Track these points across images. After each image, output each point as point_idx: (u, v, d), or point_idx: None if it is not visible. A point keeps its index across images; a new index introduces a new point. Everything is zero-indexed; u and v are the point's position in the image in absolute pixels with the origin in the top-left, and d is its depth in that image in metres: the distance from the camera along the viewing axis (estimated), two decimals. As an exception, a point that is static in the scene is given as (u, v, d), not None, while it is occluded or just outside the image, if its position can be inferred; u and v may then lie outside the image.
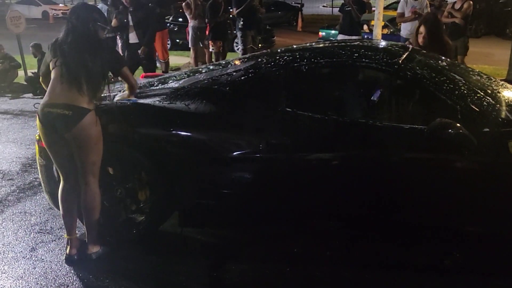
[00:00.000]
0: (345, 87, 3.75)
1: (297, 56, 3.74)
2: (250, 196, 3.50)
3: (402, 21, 8.52)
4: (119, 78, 3.77)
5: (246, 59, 4.02)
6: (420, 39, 4.74)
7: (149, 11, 8.00)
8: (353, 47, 3.96)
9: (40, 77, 3.62)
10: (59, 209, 3.87)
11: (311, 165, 3.38)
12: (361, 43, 4.19)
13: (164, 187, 3.55)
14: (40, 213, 4.37)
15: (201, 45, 10.22)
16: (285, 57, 3.72)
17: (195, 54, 10.27)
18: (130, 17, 7.84)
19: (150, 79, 4.43)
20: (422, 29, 4.74)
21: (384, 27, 9.96)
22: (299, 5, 24.48)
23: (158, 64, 9.90)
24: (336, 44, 4.23)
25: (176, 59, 13.21)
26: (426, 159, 3.24)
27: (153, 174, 3.55)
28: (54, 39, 3.47)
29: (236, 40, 10.98)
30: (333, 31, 15.81)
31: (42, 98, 3.40)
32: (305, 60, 3.65)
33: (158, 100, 3.69)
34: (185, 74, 4.24)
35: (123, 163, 3.62)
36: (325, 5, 33.52)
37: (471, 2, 8.64)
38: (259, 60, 3.83)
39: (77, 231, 3.59)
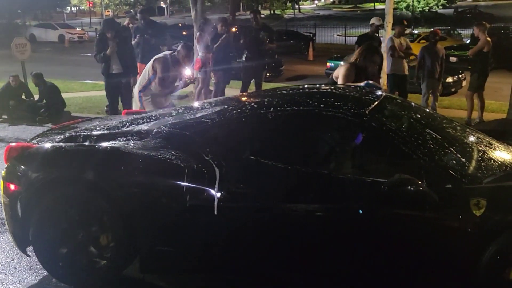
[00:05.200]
0: (310, 137, 3.67)
1: (264, 103, 3.69)
2: (210, 244, 3.43)
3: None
4: None
5: (214, 104, 3.98)
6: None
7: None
8: (323, 95, 3.91)
9: None
10: (21, 251, 3.84)
11: (271, 215, 3.31)
12: (334, 91, 4.12)
13: (126, 232, 3.48)
14: (6, 252, 4.28)
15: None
16: (252, 103, 3.68)
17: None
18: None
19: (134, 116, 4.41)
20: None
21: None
22: (311, 35, 24.64)
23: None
24: (307, 91, 4.17)
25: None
26: (386, 213, 3.16)
27: (114, 219, 3.49)
28: None
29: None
30: (342, 62, 15.81)
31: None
32: (272, 108, 3.59)
33: (121, 143, 3.67)
34: (154, 116, 4.18)
35: (84, 207, 3.56)
36: (339, 34, 33.79)
37: (488, 40, 8.53)
38: (226, 106, 3.79)
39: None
